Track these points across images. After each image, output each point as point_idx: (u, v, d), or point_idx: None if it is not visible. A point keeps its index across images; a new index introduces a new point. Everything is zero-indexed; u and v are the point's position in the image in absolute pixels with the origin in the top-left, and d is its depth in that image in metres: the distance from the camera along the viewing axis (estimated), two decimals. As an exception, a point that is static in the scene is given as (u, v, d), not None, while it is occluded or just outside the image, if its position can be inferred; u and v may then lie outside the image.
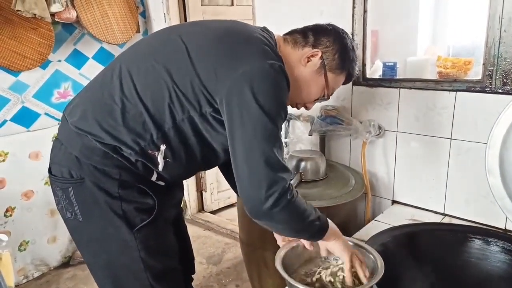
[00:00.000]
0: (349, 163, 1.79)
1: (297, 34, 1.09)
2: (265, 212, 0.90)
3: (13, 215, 2.18)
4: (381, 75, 1.68)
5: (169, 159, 1.00)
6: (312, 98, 1.11)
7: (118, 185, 0.99)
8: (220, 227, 2.82)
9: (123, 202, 0.99)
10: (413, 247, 1.30)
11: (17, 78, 2.12)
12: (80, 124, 0.99)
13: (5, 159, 2.12)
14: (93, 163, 0.98)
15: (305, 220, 0.98)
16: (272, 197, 0.89)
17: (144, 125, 0.96)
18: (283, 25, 1.89)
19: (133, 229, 1.00)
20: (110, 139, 0.96)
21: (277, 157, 0.91)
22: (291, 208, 0.93)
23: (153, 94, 0.96)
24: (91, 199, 0.99)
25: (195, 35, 1.01)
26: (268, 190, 0.88)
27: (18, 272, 2.24)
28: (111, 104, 0.97)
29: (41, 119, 2.25)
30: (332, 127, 1.68)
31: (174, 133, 0.97)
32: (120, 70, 1.00)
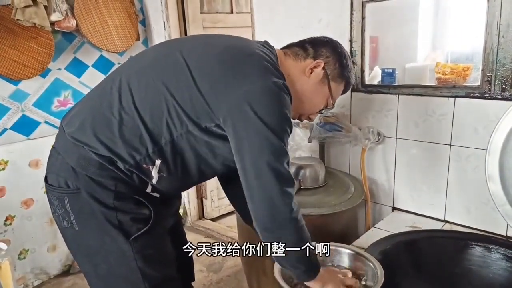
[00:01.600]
0: (348, 170, 1.78)
1: (295, 47, 1.11)
2: (288, 218, 0.94)
3: (12, 224, 2.18)
4: (380, 82, 1.68)
5: (164, 173, 1.00)
6: (317, 108, 1.13)
7: (114, 196, 0.98)
8: (221, 235, 2.80)
9: (119, 213, 0.99)
10: (413, 254, 1.29)
11: (17, 86, 2.13)
12: (77, 135, 0.99)
13: (5, 168, 2.12)
14: (89, 174, 0.97)
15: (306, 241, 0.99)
16: (288, 206, 0.93)
17: (141, 138, 0.96)
18: (282, 33, 1.90)
19: (129, 239, 1.00)
20: (106, 151, 0.96)
21: (287, 171, 0.93)
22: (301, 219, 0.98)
23: (151, 108, 0.96)
24: (87, 209, 0.99)
25: (196, 51, 1.01)
26: (283, 201, 0.92)
27: (18, 280, 2.23)
28: (109, 116, 0.97)
29: (41, 127, 2.26)
30: (331, 134, 1.68)
31: (171, 148, 0.97)
32: (120, 82, 1.00)
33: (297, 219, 0.96)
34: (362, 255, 1.12)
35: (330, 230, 1.45)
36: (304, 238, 0.99)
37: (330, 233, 1.46)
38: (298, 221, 0.97)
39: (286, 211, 0.93)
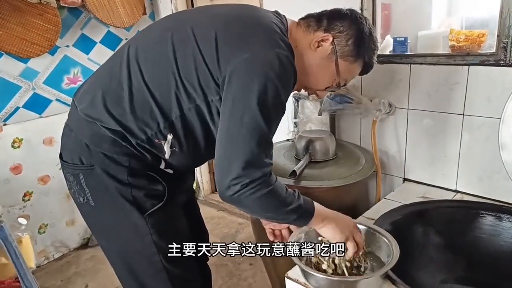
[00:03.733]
0: (359, 142, 1.77)
1: (311, 18, 1.05)
2: (227, 197, 0.90)
3: (31, 200, 2.25)
4: (391, 51, 1.64)
5: (176, 148, 1.00)
6: (321, 86, 1.07)
7: (128, 172, 1.00)
8: (233, 208, 2.85)
9: (133, 189, 1.01)
10: (424, 225, 1.30)
11: (26, 65, 2.14)
12: (89, 111, 1.00)
13: (20, 146, 2.16)
14: (102, 150, 0.99)
15: (278, 210, 0.95)
16: (237, 186, 0.87)
17: (151, 114, 0.96)
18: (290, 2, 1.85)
19: (144, 214, 1.02)
20: (118, 126, 0.97)
21: (258, 153, 0.88)
22: (254, 200, 0.90)
23: (160, 83, 0.95)
24: (102, 186, 1.01)
25: (204, 23, 0.99)
26: (235, 179, 0.87)
27: (39, 253, 2.32)
28: (120, 92, 0.97)
29: (53, 105, 2.28)
30: (342, 106, 1.66)
31: (181, 122, 0.97)
32: (129, 58, 1.00)
33: (247, 197, 0.89)
34: (376, 230, 1.12)
35: (341, 203, 1.46)
36: (268, 207, 0.94)
37: (341, 206, 1.46)
38: (248, 198, 0.90)
39: (231, 190, 0.88)
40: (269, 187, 0.91)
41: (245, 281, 2.04)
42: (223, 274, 2.10)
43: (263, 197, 0.90)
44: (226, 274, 2.10)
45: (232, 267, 2.16)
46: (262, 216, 1.02)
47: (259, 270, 2.10)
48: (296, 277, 1.07)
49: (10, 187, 2.15)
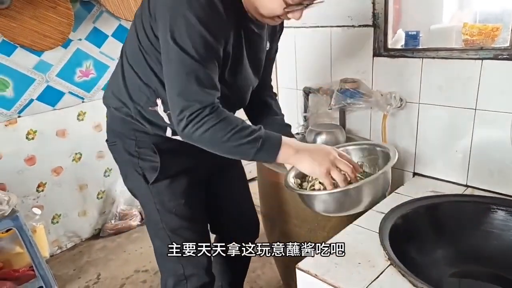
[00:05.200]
0: (369, 136, 1.78)
1: None
2: (181, 134, 0.98)
3: (44, 190, 2.29)
4: (403, 45, 1.63)
5: (169, 110, 1.06)
6: (271, 12, 1.01)
7: (135, 144, 1.17)
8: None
9: (140, 160, 1.17)
10: (434, 219, 1.30)
11: (40, 58, 2.17)
12: (105, 100, 1.23)
13: (34, 137, 2.20)
14: (117, 129, 1.20)
15: (232, 143, 0.97)
16: (183, 121, 0.95)
17: (140, 88, 1.09)
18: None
19: (148, 184, 1.18)
20: (119, 102, 1.15)
21: (189, 85, 0.93)
22: (204, 134, 0.95)
23: (136, 60, 1.09)
24: (122, 159, 1.22)
25: None
26: (179, 114, 0.95)
27: (53, 243, 2.37)
28: (118, 73, 1.16)
29: (66, 98, 2.31)
30: (352, 101, 1.66)
31: (162, 86, 1.05)
32: (124, 45, 1.16)
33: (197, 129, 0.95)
34: (370, 144, 1.18)
35: (350, 195, 1.47)
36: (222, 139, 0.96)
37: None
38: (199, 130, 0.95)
39: (182, 124, 0.95)
40: (217, 120, 0.95)
41: (253, 272, 2.07)
42: (232, 266, 2.12)
43: (212, 131, 0.94)
44: (235, 266, 2.12)
45: (241, 259, 2.19)
46: (220, 151, 1.01)
47: (267, 261, 2.13)
48: (307, 268, 1.08)
49: (24, 178, 2.20)
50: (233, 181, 1.45)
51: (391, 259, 1.05)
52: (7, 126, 2.09)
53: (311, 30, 1.87)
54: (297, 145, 1.02)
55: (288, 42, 2.02)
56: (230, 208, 1.45)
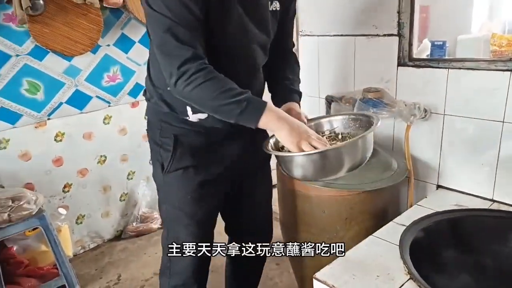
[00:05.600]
0: (392, 147, 1.75)
1: None
2: (173, 90, 1.05)
3: (70, 191, 2.36)
4: (428, 55, 1.61)
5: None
6: None
7: (159, 134, 1.23)
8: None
9: (161, 149, 1.23)
10: (457, 234, 1.27)
11: (70, 62, 2.25)
12: (143, 93, 1.32)
13: (62, 139, 2.28)
14: (149, 119, 1.29)
15: (218, 102, 1.02)
16: (173, 78, 1.02)
17: (159, 71, 1.10)
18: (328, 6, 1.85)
19: (163, 173, 1.23)
20: (148, 94, 1.24)
21: (169, 44, 1.00)
22: (192, 91, 1.01)
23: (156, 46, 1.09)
24: (151, 148, 1.29)
25: None
26: (167, 72, 1.03)
27: (76, 243, 2.44)
28: (147, 64, 1.26)
29: (93, 102, 2.38)
30: (375, 110, 1.64)
31: None
32: None
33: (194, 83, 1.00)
34: (356, 114, 1.21)
35: (370, 207, 1.46)
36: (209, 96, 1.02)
37: (371, 210, 1.46)
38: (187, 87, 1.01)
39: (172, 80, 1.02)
40: (205, 78, 1.00)
41: (271, 280, 2.06)
42: (249, 272, 2.12)
43: (199, 88, 1.00)
44: (253, 273, 2.12)
45: (259, 266, 2.18)
46: (207, 109, 1.08)
47: (285, 270, 2.12)
48: (324, 279, 1.07)
49: (51, 178, 2.27)
50: (259, 185, 1.45)
51: (411, 273, 1.03)
52: (37, 128, 2.17)
53: (335, 39, 1.87)
54: (280, 113, 1.06)
55: (311, 50, 2.02)
56: (250, 212, 1.46)
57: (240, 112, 1.02)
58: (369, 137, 1.10)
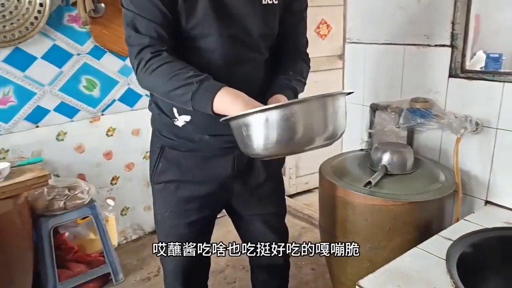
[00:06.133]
0: (438, 158, 1.72)
1: None
2: (138, 81, 1.07)
3: (117, 184, 2.49)
4: (482, 67, 1.57)
5: None
6: None
7: (155, 142, 1.24)
8: (297, 211, 2.89)
9: (152, 157, 1.26)
10: (506, 252, 1.23)
11: (124, 62, 2.37)
12: None
13: (113, 134, 2.41)
14: (151, 125, 1.27)
15: (171, 86, 1.00)
16: (134, 67, 1.05)
17: None
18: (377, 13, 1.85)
19: (150, 180, 1.28)
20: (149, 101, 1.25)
21: (131, 36, 1.03)
22: (150, 74, 1.01)
23: None
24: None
25: None
26: (131, 62, 1.06)
27: (120, 233, 2.56)
28: None
29: (142, 100, 2.50)
30: (423, 121, 1.62)
31: None
32: None
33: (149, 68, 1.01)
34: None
35: (415, 219, 1.44)
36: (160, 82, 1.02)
37: (415, 222, 1.44)
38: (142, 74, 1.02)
39: (134, 69, 1.05)
40: (159, 63, 1.00)
41: (306, 285, 2.08)
42: (285, 275, 2.14)
43: (154, 74, 1.00)
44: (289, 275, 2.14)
45: (295, 269, 2.20)
46: (164, 96, 1.06)
47: (321, 275, 2.12)
48: (369, 286, 1.08)
49: (101, 171, 2.40)
50: (255, 207, 1.34)
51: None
52: (91, 123, 2.31)
53: (384, 47, 1.86)
54: (238, 94, 0.97)
55: (357, 57, 2.03)
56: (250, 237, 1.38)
57: (192, 95, 0.97)
58: (338, 102, 0.98)
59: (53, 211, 1.87)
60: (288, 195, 3.16)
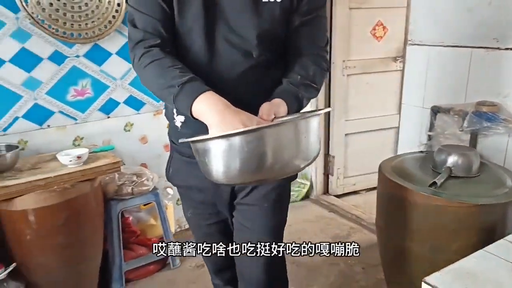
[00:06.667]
0: (503, 163, 1.69)
1: None
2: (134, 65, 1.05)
3: (175, 174, 2.61)
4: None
5: None
6: None
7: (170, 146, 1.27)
8: (345, 211, 2.90)
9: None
10: None
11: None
12: None
13: (173, 127, 2.54)
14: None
15: (158, 84, 0.97)
16: (131, 63, 1.05)
17: None
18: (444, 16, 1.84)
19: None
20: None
21: (129, 31, 1.03)
22: (143, 70, 0.99)
23: None
24: None
25: None
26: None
27: (175, 221, 2.69)
28: None
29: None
30: (489, 124, 1.61)
31: None
32: None
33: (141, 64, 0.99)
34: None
35: (479, 222, 1.43)
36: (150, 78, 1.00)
37: (478, 225, 1.43)
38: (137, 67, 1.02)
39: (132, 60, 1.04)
40: (151, 59, 0.98)
41: (357, 283, 2.10)
42: (335, 272, 2.18)
43: (145, 70, 0.99)
44: (339, 273, 2.17)
45: (344, 267, 2.23)
46: (154, 93, 1.03)
47: (372, 275, 2.13)
48: (436, 284, 1.10)
49: (161, 161, 2.52)
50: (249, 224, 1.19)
51: (530, 292, 1.01)
52: (155, 116, 2.45)
53: (449, 49, 1.85)
54: (215, 103, 0.89)
55: (419, 59, 2.02)
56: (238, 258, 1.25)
57: (174, 98, 0.92)
58: (311, 125, 0.88)
59: (122, 195, 2.02)
60: (335, 195, 3.18)
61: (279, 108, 0.97)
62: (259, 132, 0.81)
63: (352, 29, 2.84)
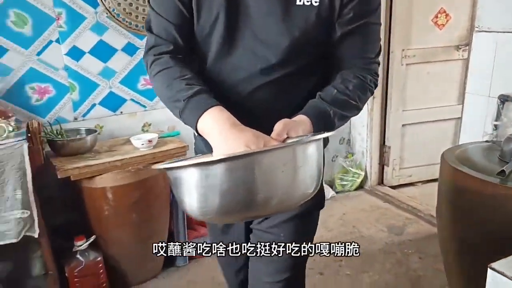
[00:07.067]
0: None
1: None
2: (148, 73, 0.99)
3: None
4: None
5: None
6: None
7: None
8: (401, 202, 2.87)
9: None
10: None
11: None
12: None
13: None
14: None
15: (166, 97, 0.91)
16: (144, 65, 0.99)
17: None
18: None
19: None
20: None
21: (147, 35, 0.98)
22: (153, 78, 0.94)
23: None
24: None
25: None
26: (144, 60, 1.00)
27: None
28: None
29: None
30: None
31: None
32: None
33: (151, 73, 0.94)
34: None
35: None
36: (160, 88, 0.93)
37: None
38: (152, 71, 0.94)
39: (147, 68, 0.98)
40: (160, 68, 0.92)
41: (414, 272, 2.09)
42: (392, 260, 2.18)
43: (155, 79, 0.93)
44: (396, 262, 2.18)
45: (401, 256, 2.22)
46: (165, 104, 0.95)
47: (429, 265, 2.12)
48: (503, 270, 1.09)
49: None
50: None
51: None
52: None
53: (521, 36, 1.78)
54: (219, 121, 0.80)
55: (486, 46, 1.96)
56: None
57: (180, 113, 0.86)
58: (309, 150, 0.74)
59: (186, 178, 2.15)
60: (390, 186, 3.14)
61: (297, 126, 0.84)
62: (240, 161, 0.66)
63: (413, 17, 2.77)
